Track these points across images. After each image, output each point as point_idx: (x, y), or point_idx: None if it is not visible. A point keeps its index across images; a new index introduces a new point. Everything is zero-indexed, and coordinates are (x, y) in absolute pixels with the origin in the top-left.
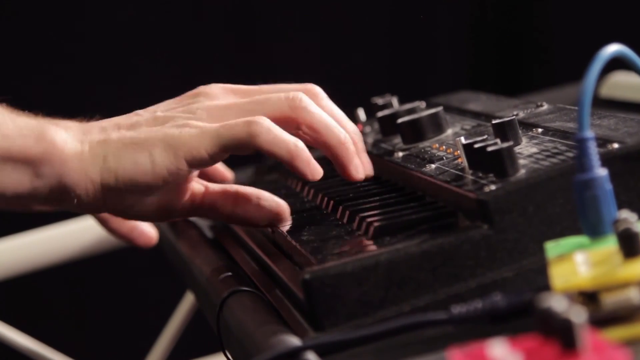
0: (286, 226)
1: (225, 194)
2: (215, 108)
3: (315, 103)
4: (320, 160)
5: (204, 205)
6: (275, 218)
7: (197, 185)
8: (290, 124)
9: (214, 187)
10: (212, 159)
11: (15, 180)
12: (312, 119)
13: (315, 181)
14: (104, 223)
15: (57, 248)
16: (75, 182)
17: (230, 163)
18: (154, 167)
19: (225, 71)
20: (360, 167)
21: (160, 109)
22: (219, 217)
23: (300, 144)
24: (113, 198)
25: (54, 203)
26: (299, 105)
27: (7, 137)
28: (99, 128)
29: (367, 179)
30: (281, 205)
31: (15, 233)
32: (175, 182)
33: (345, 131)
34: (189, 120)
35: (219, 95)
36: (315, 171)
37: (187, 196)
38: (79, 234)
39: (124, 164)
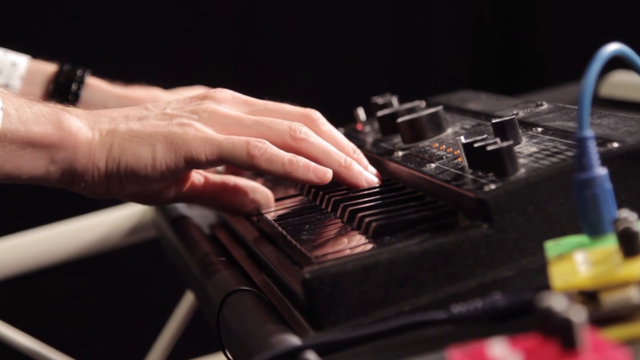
0: (286, 226)
1: (225, 187)
2: (220, 114)
3: (315, 128)
4: None
5: (203, 195)
6: (263, 207)
7: (197, 176)
8: (292, 152)
9: (214, 179)
10: (209, 164)
11: (32, 165)
12: (312, 149)
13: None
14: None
15: (57, 248)
16: (84, 168)
17: None
18: (154, 162)
19: (226, 69)
20: (364, 180)
21: (169, 106)
22: (215, 207)
23: (295, 158)
24: (115, 185)
25: (62, 185)
26: (299, 136)
27: (26, 123)
28: (109, 118)
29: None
30: (269, 196)
31: (15, 233)
32: (172, 177)
33: (345, 153)
34: (193, 121)
35: (227, 102)
36: (319, 173)
37: (186, 186)
38: (79, 234)
39: (127, 156)
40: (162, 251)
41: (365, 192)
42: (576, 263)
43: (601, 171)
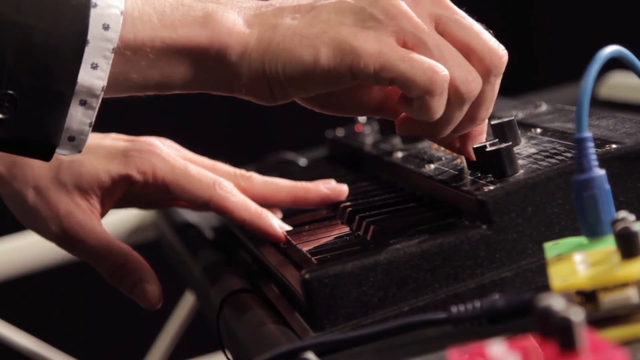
0: (287, 227)
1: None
2: (405, 17)
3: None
4: (318, 161)
5: (385, 108)
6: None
7: (378, 88)
8: None
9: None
10: (377, 81)
11: (182, 73)
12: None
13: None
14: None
15: (57, 248)
16: (239, 71)
17: (231, 161)
18: (315, 67)
19: None
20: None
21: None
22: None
23: None
24: (279, 89)
25: (224, 91)
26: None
27: (169, 27)
28: (276, 9)
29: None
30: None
31: (15, 233)
32: (337, 87)
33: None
34: (370, 22)
35: None
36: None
37: (378, 96)
38: None
39: (285, 56)
40: (162, 252)
41: (365, 192)
42: (575, 264)
43: (600, 172)
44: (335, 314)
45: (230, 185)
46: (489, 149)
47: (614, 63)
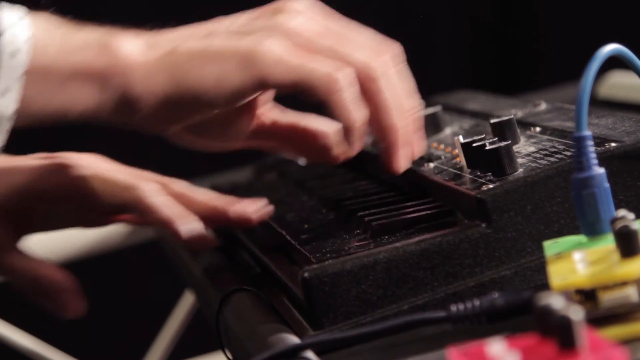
0: (285, 225)
1: (295, 128)
2: (294, 32)
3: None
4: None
5: (275, 135)
6: (335, 158)
7: (266, 112)
8: None
9: (284, 118)
10: (282, 88)
11: (82, 97)
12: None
13: (315, 180)
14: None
15: (57, 248)
16: (139, 95)
17: (228, 163)
18: (220, 82)
19: None
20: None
21: (236, 23)
22: (287, 150)
23: None
24: (177, 113)
25: (120, 118)
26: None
27: (70, 52)
28: (168, 39)
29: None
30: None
31: None
32: (239, 100)
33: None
34: (266, 38)
35: (304, 14)
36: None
37: (254, 121)
38: (78, 234)
39: (188, 77)
40: (161, 251)
41: (364, 191)
42: (574, 262)
43: (599, 171)
44: (334, 313)
45: (152, 184)
46: (488, 147)
47: (614, 63)
